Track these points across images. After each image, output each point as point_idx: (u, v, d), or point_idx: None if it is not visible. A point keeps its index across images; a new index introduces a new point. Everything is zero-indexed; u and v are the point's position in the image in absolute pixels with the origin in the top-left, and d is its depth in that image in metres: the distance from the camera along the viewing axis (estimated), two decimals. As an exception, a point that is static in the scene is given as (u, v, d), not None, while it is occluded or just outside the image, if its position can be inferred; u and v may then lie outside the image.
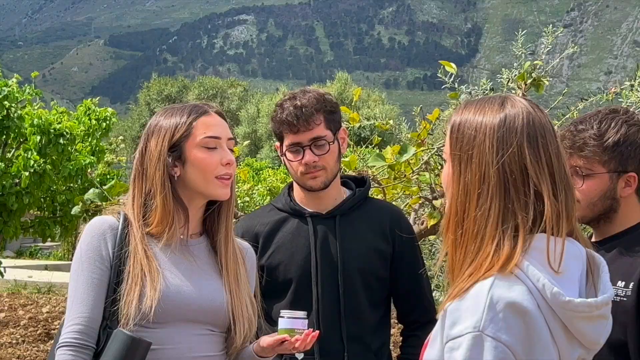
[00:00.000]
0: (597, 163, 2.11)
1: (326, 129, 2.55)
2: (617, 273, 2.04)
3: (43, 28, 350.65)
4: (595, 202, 2.12)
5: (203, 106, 2.18)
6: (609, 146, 2.09)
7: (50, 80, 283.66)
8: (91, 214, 3.77)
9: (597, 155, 2.10)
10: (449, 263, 1.54)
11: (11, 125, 7.18)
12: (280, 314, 2.15)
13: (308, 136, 2.52)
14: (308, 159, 2.51)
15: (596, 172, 2.11)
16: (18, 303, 9.86)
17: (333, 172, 2.57)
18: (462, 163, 1.53)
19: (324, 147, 2.53)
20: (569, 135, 2.15)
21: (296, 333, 2.10)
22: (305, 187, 2.58)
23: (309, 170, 2.52)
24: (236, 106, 48.36)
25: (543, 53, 3.80)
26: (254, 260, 2.34)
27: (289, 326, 2.11)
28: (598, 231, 2.21)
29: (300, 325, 2.12)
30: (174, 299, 2.05)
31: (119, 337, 1.98)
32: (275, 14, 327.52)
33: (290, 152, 2.55)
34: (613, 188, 2.12)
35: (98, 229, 2.10)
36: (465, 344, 1.40)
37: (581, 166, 2.12)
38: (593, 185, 2.12)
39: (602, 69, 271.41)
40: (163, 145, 2.09)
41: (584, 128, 2.13)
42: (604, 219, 2.16)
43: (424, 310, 2.67)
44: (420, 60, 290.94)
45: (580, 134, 2.13)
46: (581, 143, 2.12)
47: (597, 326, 1.49)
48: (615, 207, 2.14)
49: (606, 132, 2.10)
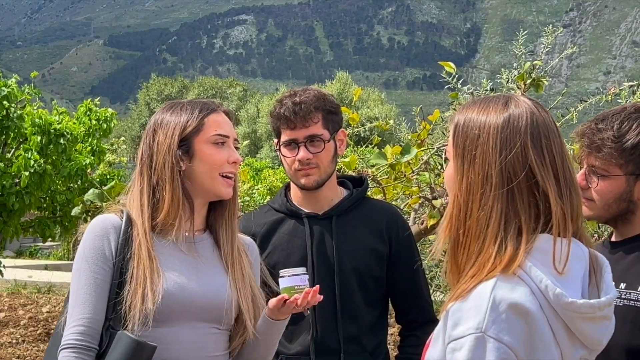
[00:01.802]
0: (613, 165, 2.03)
1: (323, 128, 2.55)
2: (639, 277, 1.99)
3: (42, 28, 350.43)
4: (610, 204, 2.06)
5: (213, 103, 2.20)
6: (627, 149, 2.01)
7: (50, 80, 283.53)
8: (91, 215, 3.77)
9: (614, 158, 2.02)
10: (449, 263, 1.54)
11: (11, 125, 7.19)
12: (280, 273, 2.15)
13: (304, 133, 2.52)
14: (302, 155, 2.52)
15: (612, 174, 2.04)
16: (18, 303, 9.85)
17: (327, 171, 2.57)
18: (465, 163, 1.52)
19: (319, 145, 2.53)
20: (588, 133, 2.07)
21: (296, 291, 2.10)
22: (299, 185, 2.59)
23: (302, 167, 2.53)
24: (235, 106, 48.37)
25: (542, 53, 3.81)
26: (257, 254, 2.34)
27: (289, 284, 2.11)
28: (617, 231, 2.14)
29: (299, 281, 2.12)
30: (179, 297, 2.04)
31: (123, 340, 1.97)
32: (274, 14, 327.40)
33: (286, 148, 2.56)
34: (630, 191, 2.04)
35: (101, 228, 2.09)
36: (467, 345, 1.40)
37: (597, 166, 2.05)
38: (608, 187, 2.05)
39: (601, 69, 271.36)
40: (173, 138, 2.10)
41: (603, 128, 2.05)
42: (622, 220, 2.09)
43: (421, 310, 2.67)
44: (420, 61, 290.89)
45: (599, 134, 2.04)
46: (599, 143, 2.04)
47: (599, 327, 1.48)
48: (632, 209, 2.06)
49: (626, 134, 2.02)
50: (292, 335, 2.57)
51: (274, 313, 2.14)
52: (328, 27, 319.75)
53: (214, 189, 2.14)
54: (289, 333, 2.56)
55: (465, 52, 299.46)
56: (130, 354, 1.95)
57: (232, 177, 2.15)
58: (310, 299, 2.10)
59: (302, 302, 2.09)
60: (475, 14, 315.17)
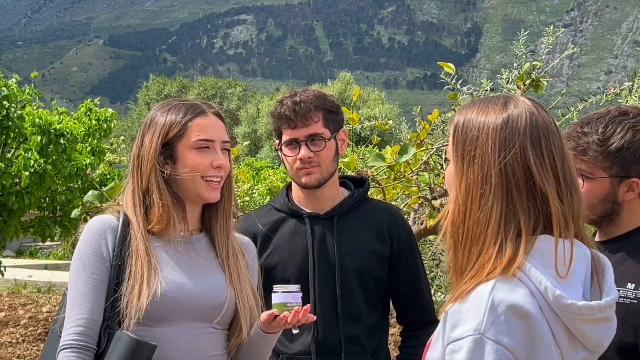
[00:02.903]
0: (598, 168, 2.07)
1: (324, 127, 2.56)
2: (626, 275, 2.02)
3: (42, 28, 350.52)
4: (595, 205, 2.09)
5: (200, 106, 2.18)
6: (611, 152, 2.04)
7: (50, 80, 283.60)
8: (91, 216, 3.76)
9: (599, 160, 2.06)
10: (451, 264, 1.53)
11: (11, 125, 7.18)
12: (274, 289, 2.15)
13: (305, 132, 2.53)
14: (303, 154, 2.52)
15: (597, 177, 2.07)
16: (18, 302, 9.85)
17: (328, 170, 2.58)
18: (464, 163, 1.52)
19: (320, 143, 2.54)
20: (574, 136, 2.11)
21: (288, 308, 2.10)
22: (300, 184, 2.59)
23: (303, 166, 2.54)
24: (235, 106, 48.36)
25: (543, 53, 3.80)
26: (255, 255, 2.34)
27: (281, 300, 2.11)
28: (602, 231, 2.18)
29: (291, 299, 2.11)
30: (176, 296, 2.04)
31: (123, 340, 1.96)
32: (274, 14, 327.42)
33: (287, 148, 2.57)
34: (614, 192, 2.08)
35: (98, 229, 2.09)
36: (466, 346, 1.40)
37: (583, 169, 2.08)
38: (593, 188, 2.08)
39: (602, 68, 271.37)
40: (157, 142, 2.10)
41: (588, 131, 2.08)
42: (606, 221, 2.13)
43: (422, 311, 2.67)
44: (420, 60, 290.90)
45: (584, 137, 2.08)
46: (585, 147, 2.07)
47: (600, 329, 1.48)
48: (617, 210, 2.10)
49: (610, 138, 2.05)
50: (293, 335, 2.57)
51: (265, 326, 2.14)
52: (328, 27, 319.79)
53: (198, 193, 2.13)
54: (289, 333, 2.57)
55: (465, 52, 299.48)
56: (130, 353, 1.94)
57: (217, 181, 2.14)
58: (301, 318, 2.10)
59: (291, 320, 2.09)
60: (475, 14, 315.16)
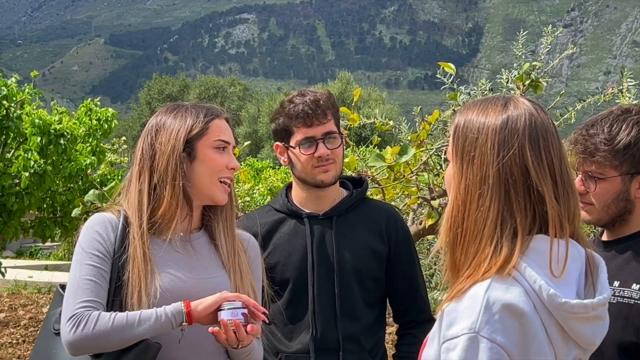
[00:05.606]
0: (608, 167, 2.08)
1: (335, 125, 2.59)
2: (632, 276, 2.04)
3: (43, 26, 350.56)
4: (609, 205, 2.10)
5: (216, 109, 2.24)
6: (620, 150, 2.06)
7: (50, 80, 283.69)
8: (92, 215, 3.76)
9: (608, 160, 2.07)
10: (448, 263, 1.55)
11: (10, 126, 7.17)
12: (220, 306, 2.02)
13: (321, 130, 2.54)
14: (322, 151, 2.53)
15: (608, 176, 2.09)
16: (18, 303, 9.85)
17: (341, 167, 2.62)
18: (464, 163, 1.53)
19: (335, 141, 2.57)
20: (581, 140, 2.12)
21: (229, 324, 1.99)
22: (315, 183, 2.58)
23: (321, 164, 2.54)
24: (236, 106, 48.40)
25: (543, 53, 3.81)
26: (258, 249, 2.34)
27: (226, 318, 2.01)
28: (611, 232, 2.19)
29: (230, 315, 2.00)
30: (175, 295, 2.04)
31: None
32: (276, 13, 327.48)
33: (303, 147, 2.55)
34: (626, 190, 2.09)
35: (99, 224, 2.10)
36: (461, 344, 1.41)
37: (593, 171, 2.10)
38: (605, 188, 2.09)
39: (601, 68, 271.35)
40: (179, 139, 2.12)
41: (594, 132, 2.10)
42: (619, 221, 2.14)
43: (419, 310, 2.69)
44: (422, 60, 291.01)
45: (591, 139, 2.10)
46: (592, 148, 2.09)
47: (593, 327, 1.49)
48: (629, 209, 2.11)
49: (617, 136, 2.07)
50: (292, 333, 2.59)
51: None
52: (330, 27, 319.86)
53: (211, 193, 2.16)
54: (288, 331, 2.59)
55: (466, 52, 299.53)
56: (136, 353, 1.95)
57: (228, 184, 2.18)
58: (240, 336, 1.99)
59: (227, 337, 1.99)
60: (477, 14, 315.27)
